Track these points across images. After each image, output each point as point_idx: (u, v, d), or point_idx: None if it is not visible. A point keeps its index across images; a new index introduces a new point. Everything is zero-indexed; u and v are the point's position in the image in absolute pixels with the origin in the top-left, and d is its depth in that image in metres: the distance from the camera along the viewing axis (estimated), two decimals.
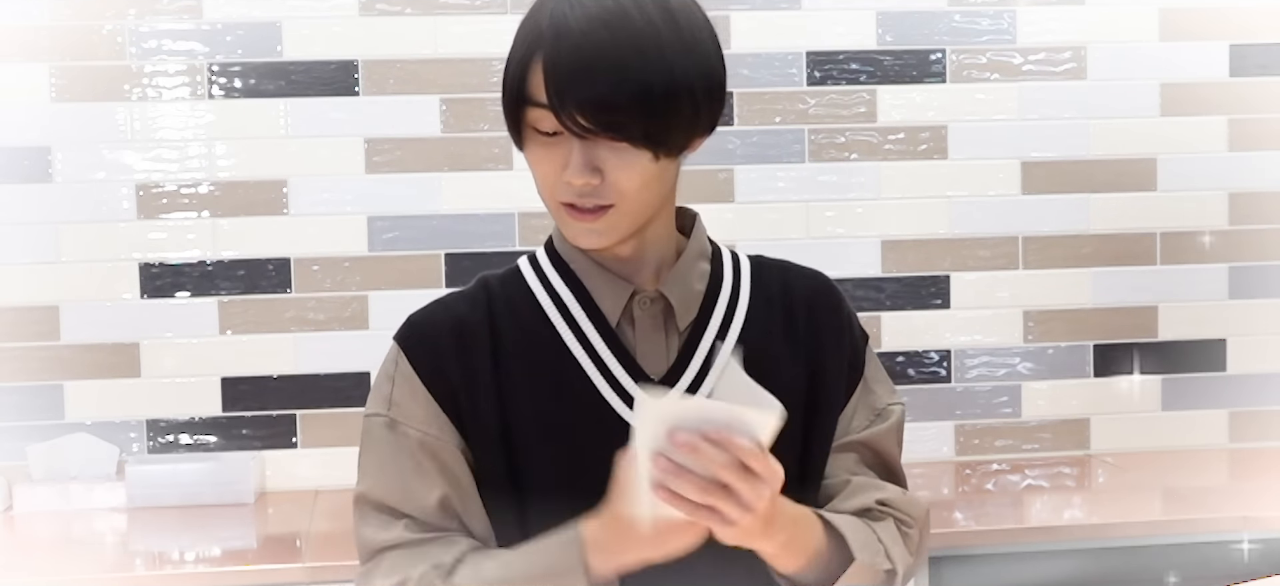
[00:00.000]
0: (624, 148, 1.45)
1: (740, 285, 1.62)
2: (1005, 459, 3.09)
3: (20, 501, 2.78)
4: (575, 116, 1.42)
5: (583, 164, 1.45)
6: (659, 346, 1.56)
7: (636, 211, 1.50)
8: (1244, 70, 3.12)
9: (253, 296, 2.93)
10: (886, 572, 1.60)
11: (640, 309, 1.56)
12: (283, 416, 2.94)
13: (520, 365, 1.55)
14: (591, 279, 1.57)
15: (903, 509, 1.63)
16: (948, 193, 3.07)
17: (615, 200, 1.47)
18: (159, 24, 2.88)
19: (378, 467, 1.56)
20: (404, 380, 1.55)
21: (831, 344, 1.63)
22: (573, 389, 1.54)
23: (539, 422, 1.54)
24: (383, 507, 1.55)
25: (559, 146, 1.47)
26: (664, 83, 1.44)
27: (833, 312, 1.65)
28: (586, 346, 1.55)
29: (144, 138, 2.89)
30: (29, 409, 2.88)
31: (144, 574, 2.38)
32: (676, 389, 1.51)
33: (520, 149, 1.54)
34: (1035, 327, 3.11)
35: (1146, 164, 3.11)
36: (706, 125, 1.53)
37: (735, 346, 1.55)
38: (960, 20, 3.05)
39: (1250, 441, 3.16)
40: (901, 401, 1.70)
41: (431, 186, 2.95)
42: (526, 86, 1.47)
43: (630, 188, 1.47)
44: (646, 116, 1.43)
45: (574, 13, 1.44)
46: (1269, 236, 3.14)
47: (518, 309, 1.58)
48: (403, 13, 2.92)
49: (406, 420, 1.54)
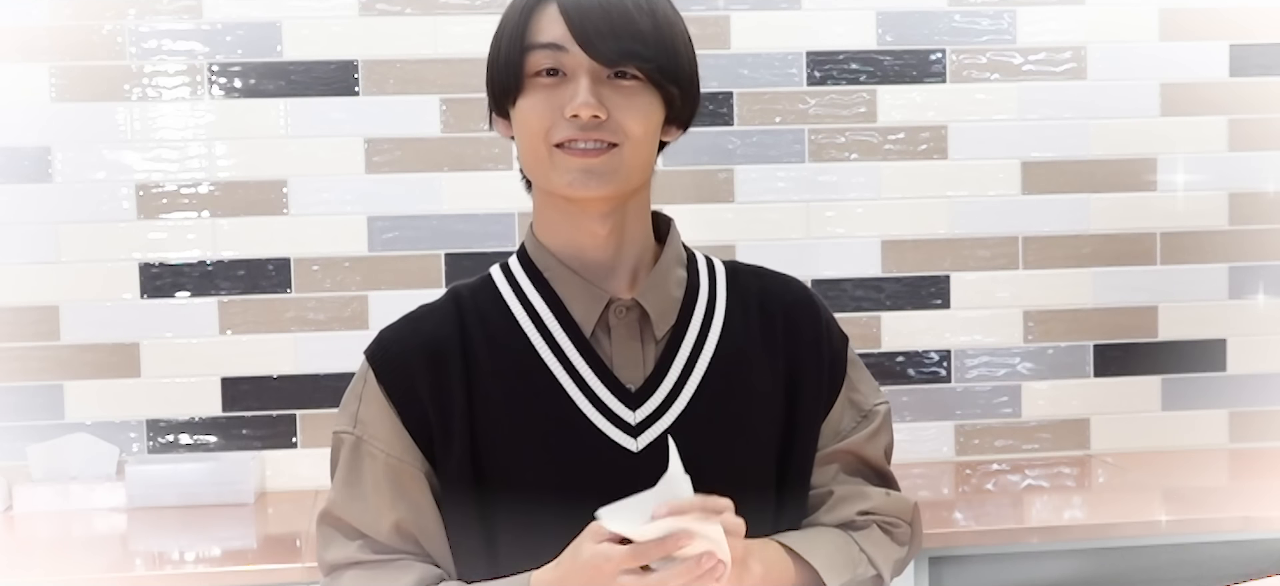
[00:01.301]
0: (632, 90, 1.48)
1: (717, 292, 1.60)
2: (1005, 459, 3.09)
3: (20, 501, 2.78)
4: (597, 43, 1.46)
5: (591, 95, 1.47)
6: (635, 356, 1.54)
7: (633, 162, 1.50)
8: (1244, 70, 3.11)
9: (253, 296, 2.93)
10: (872, 578, 1.60)
11: (616, 317, 1.54)
12: (283, 416, 2.94)
13: (494, 383, 1.53)
14: (566, 287, 1.54)
15: (888, 512, 1.63)
16: (948, 193, 3.07)
17: (619, 139, 1.48)
18: (159, 24, 2.88)
19: (341, 485, 1.56)
20: (372, 399, 1.54)
21: (810, 352, 1.62)
22: (547, 402, 1.52)
23: (513, 439, 1.52)
24: (342, 525, 1.54)
25: (561, 87, 1.49)
26: (671, 35, 1.52)
27: (810, 320, 1.64)
28: (561, 357, 1.53)
29: (144, 138, 2.89)
30: (29, 409, 2.88)
31: (144, 574, 2.38)
32: (620, 508, 1.41)
33: (504, 114, 1.55)
34: (1035, 327, 3.11)
35: (1146, 164, 3.11)
36: (688, 110, 1.57)
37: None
38: (960, 20, 3.05)
39: (1250, 441, 3.16)
40: (886, 400, 1.70)
41: (431, 186, 2.95)
42: (530, 32, 1.50)
43: (635, 129, 1.49)
44: (660, 54, 1.49)
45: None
46: (1269, 236, 3.14)
47: (490, 321, 1.56)
48: (403, 13, 2.92)
49: (371, 439, 1.54)
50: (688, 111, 1.57)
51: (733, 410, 1.56)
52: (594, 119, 1.46)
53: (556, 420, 1.52)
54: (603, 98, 1.47)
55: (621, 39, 1.46)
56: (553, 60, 1.48)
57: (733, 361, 1.56)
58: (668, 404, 1.53)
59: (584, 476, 1.49)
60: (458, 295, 1.60)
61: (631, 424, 1.52)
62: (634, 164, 1.50)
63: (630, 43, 1.47)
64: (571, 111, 1.46)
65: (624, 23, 1.47)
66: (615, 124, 1.48)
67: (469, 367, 1.53)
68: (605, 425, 1.52)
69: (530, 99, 1.50)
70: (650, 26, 1.49)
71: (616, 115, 1.48)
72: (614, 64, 1.47)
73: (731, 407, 1.56)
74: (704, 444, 1.51)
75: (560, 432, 1.52)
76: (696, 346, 1.56)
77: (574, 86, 1.47)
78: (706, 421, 1.54)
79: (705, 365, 1.55)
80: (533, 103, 1.50)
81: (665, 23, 1.51)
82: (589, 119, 1.46)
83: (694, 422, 1.54)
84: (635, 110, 1.49)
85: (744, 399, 1.56)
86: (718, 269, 1.65)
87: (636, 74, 1.49)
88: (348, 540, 1.53)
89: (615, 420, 1.52)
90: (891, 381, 3.06)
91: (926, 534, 2.41)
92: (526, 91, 1.50)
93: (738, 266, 1.67)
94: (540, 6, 1.50)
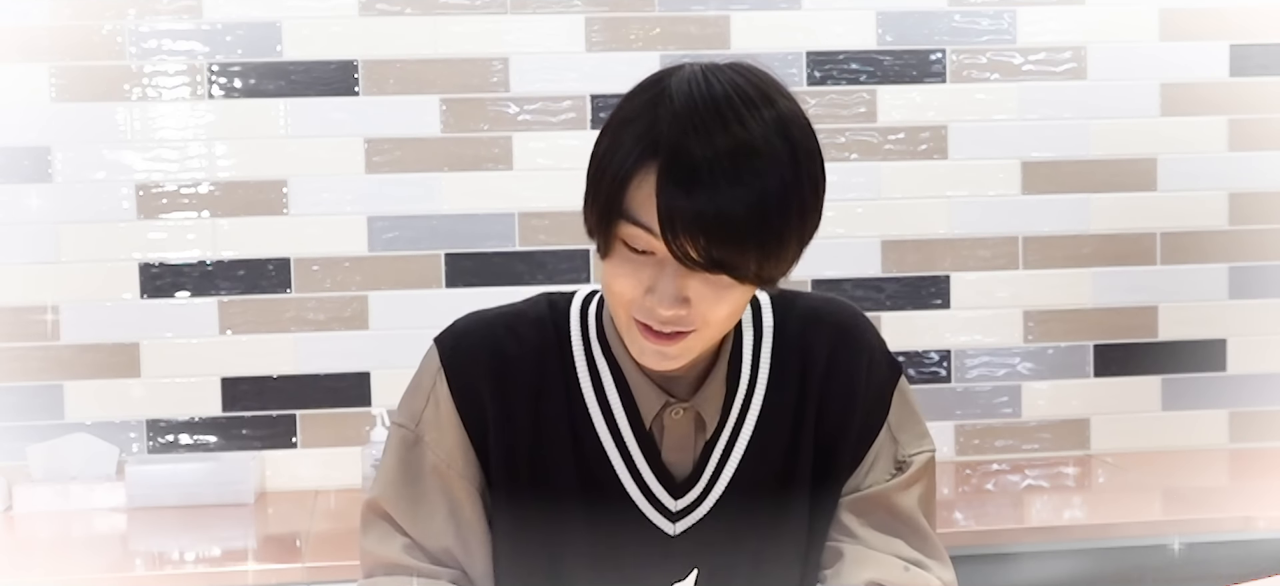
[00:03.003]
0: (723, 282, 1.35)
1: (760, 364, 1.53)
2: (1005, 459, 3.09)
3: (20, 501, 2.78)
4: (686, 248, 1.31)
5: (674, 293, 1.35)
6: (687, 452, 1.50)
7: (714, 338, 1.42)
8: (1244, 70, 3.11)
9: (253, 296, 2.93)
10: None
11: (670, 418, 1.49)
12: (283, 416, 2.94)
13: (550, 427, 1.50)
14: (633, 377, 1.49)
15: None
16: (948, 193, 3.07)
17: (699, 326, 1.38)
18: (159, 24, 2.88)
19: (391, 479, 1.53)
20: (439, 403, 1.51)
21: (842, 404, 1.53)
22: (595, 471, 1.50)
23: (554, 498, 1.50)
24: (387, 519, 1.52)
25: (647, 266, 1.36)
26: (783, 225, 1.33)
27: (851, 363, 1.53)
28: (617, 438, 1.50)
29: (144, 138, 2.89)
30: (29, 409, 2.87)
31: (144, 574, 2.38)
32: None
33: (602, 257, 1.41)
34: (1035, 327, 3.11)
35: (1146, 164, 3.11)
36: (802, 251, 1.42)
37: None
38: (960, 20, 3.05)
39: (1250, 441, 3.16)
40: (931, 447, 1.57)
41: (431, 186, 2.95)
42: (626, 199, 1.34)
43: (718, 318, 1.38)
44: (762, 258, 1.33)
45: (697, 132, 1.31)
46: (1269, 236, 3.14)
47: (561, 361, 1.51)
48: (403, 13, 2.92)
49: (430, 442, 1.51)
50: (804, 248, 1.42)
51: (766, 493, 1.52)
52: (676, 315, 1.37)
53: (595, 493, 1.50)
54: (688, 288, 1.35)
55: (713, 245, 1.30)
56: (644, 242, 1.35)
57: (768, 442, 1.52)
58: (707, 490, 1.51)
59: (619, 554, 1.49)
60: (540, 320, 1.54)
61: (673, 511, 1.51)
62: (712, 341, 1.44)
63: (721, 251, 1.31)
64: (649, 304, 1.37)
65: (721, 221, 1.29)
66: (698, 314, 1.37)
67: (538, 396, 1.50)
68: (647, 507, 1.51)
69: (617, 265, 1.38)
70: (755, 221, 1.31)
71: (699, 306, 1.36)
72: (703, 271, 1.33)
73: (766, 492, 1.52)
74: (740, 530, 1.51)
75: (600, 509, 1.50)
76: (735, 431, 1.52)
77: (660, 271, 1.35)
78: (742, 509, 1.52)
79: (742, 450, 1.51)
80: (618, 271, 1.38)
81: (778, 205, 1.32)
82: (670, 316, 1.37)
83: (730, 509, 1.52)
84: (722, 301, 1.37)
85: (777, 483, 1.53)
86: (765, 325, 1.54)
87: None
88: (394, 535, 1.51)
89: (657, 504, 1.51)
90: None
91: None
92: (614, 253, 1.38)
93: (788, 309, 1.56)
94: (643, 168, 1.33)
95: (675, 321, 1.36)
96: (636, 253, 1.35)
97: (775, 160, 1.32)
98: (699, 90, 1.33)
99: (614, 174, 1.34)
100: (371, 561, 1.53)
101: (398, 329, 2.94)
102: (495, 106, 2.95)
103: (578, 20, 2.94)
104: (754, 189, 1.30)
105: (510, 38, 2.92)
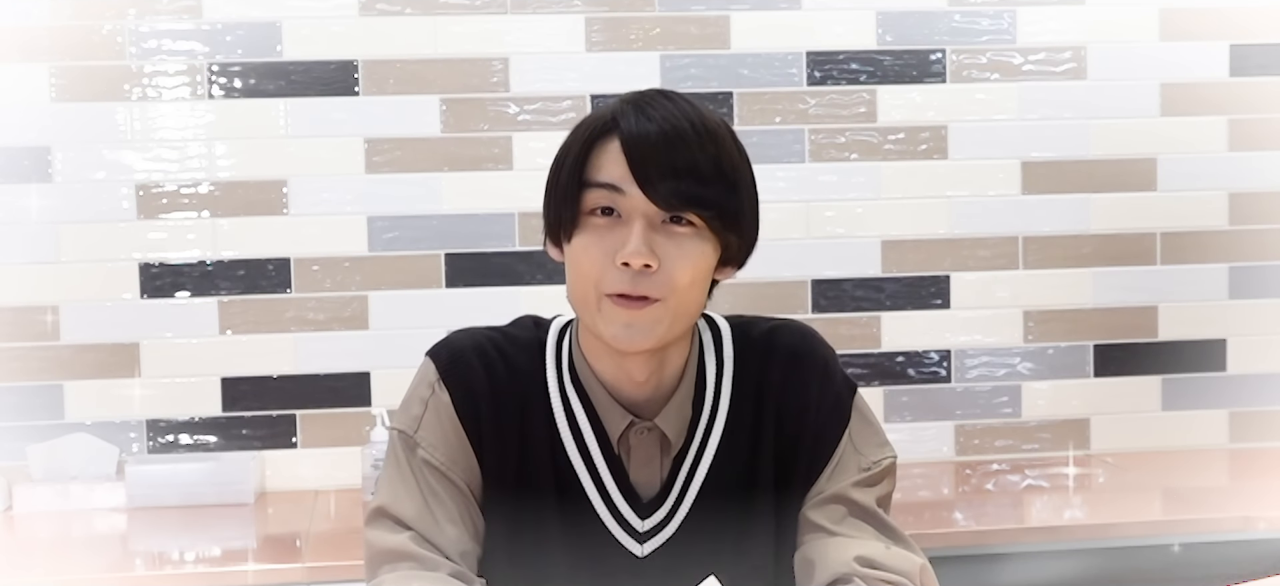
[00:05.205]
0: (686, 236, 1.47)
1: (722, 387, 1.60)
2: (1005, 459, 3.09)
3: (20, 501, 2.78)
4: (657, 186, 1.44)
5: (643, 243, 1.45)
6: (654, 469, 1.57)
7: (678, 313, 1.49)
8: (1244, 70, 3.11)
9: (253, 296, 2.93)
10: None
11: (636, 437, 1.57)
12: (283, 416, 2.94)
13: (534, 443, 1.56)
14: (600, 400, 1.56)
15: (889, 567, 1.52)
16: (948, 193, 3.07)
17: (664, 294, 1.46)
18: (159, 24, 2.88)
19: (394, 482, 1.57)
20: (438, 408, 1.56)
21: (797, 418, 1.59)
22: (567, 497, 1.56)
23: (536, 505, 1.56)
24: (393, 518, 1.55)
25: (614, 230, 1.47)
26: (736, 177, 1.49)
27: (804, 378, 1.60)
28: (586, 457, 1.57)
29: (144, 138, 2.89)
30: (29, 409, 2.88)
31: (144, 574, 2.38)
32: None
33: (559, 246, 1.53)
34: (1035, 327, 3.11)
35: (1146, 164, 3.11)
36: (744, 253, 1.55)
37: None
38: (960, 20, 3.05)
39: (1250, 441, 3.16)
40: (892, 454, 1.64)
41: (431, 186, 2.95)
42: (589, 168, 1.49)
43: (683, 281, 1.46)
44: (721, 200, 1.47)
45: (650, 105, 1.49)
46: (1269, 236, 3.14)
47: (542, 382, 1.58)
48: (403, 13, 2.92)
49: (431, 445, 1.55)
50: (744, 254, 1.55)
51: (730, 509, 1.58)
52: (645, 268, 1.45)
53: (571, 515, 1.55)
54: (655, 244, 1.46)
55: (682, 181, 1.45)
56: (609, 200, 1.47)
57: (730, 458, 1.58)
58: (673, 512, 1.57)
59: (595, 575, 1.54)
60: (527, 341, 1.60)
61: (640, 530, 1.57)
62: (679, 315, 1.49)
63: (691, 186, 1.45)
64: (622, 258, 1.45)
65: (686, 164, 1.45)
66: (664, 276, 1.46)
67: (523, 410, 1.57)
68: (616, 529, 1.56)
69: (584, 238, 1.48)
70: (713, 169, 1.46)
71: (666, 265, 1.46)
72: (672, 208, 1.46)
73: (729, 513, 1.58)
74: (704, 551, 1.56)
75: (575, 531, 1.56)
76: (698, 453, 1.58)
77: (627, 231, 1.46)
78: (706, 530, 1.57)
79: (704, 472, 1.58)
80: (587, 244, 1.48)
81: (729, 166, 1.48)
82: (640, 268, 1.45)
83: (694, 530, 1.57)
84: (687, 258, 1.47)
85: (740, 499, 1.59)
86: (726, 350, 1.62)
87: (692, 220, 1.48)
88: (400, 529, 1.54)
89: (626, 525, 1.57)
90: (891, 381, 3.06)
91: (927, 533, 2.42)
92: (581, 229, 1.49)
93: (746, 333, 1.63)
94: (603, 139, 1.49)
95: (644, 277, 1.45)
96: (602, 216, 1.47)
97: (723, 131, 1.50)
98: (640, 94, 1.51)
99: (574, 157, 1.49)
100: (377, 552, 1.55)
101: (398, 329, 2.94)
102: (495, 106, 2.95)
103: (578, 20, 2.95)
104: (710, 139, 1.47)
105: (510, 38, 2.92)
